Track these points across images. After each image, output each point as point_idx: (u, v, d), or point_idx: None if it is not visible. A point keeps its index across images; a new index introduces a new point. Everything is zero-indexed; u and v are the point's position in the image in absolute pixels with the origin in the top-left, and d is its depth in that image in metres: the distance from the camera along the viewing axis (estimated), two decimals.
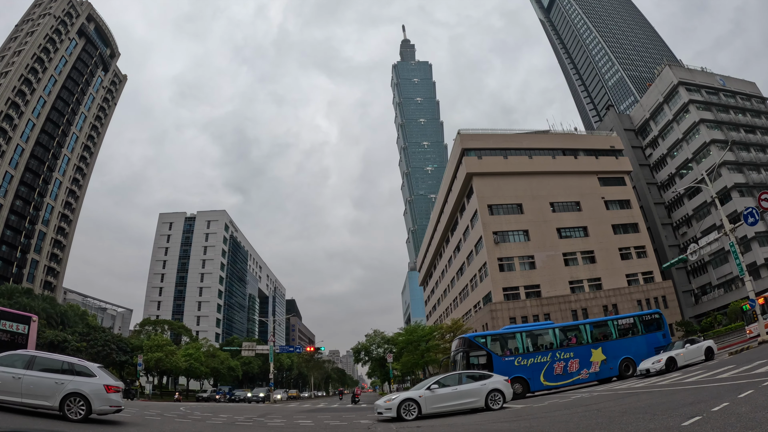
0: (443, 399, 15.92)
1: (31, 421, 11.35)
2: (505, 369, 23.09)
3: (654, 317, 27.77)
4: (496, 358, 24.00)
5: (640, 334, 26.74)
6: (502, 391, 16.51)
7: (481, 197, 58.16)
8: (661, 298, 55.54)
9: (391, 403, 15.62)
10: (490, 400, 16.19)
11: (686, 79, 70.44)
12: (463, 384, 16.58)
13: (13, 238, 71.81)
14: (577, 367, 24.59)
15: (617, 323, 27.15)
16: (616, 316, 28.68)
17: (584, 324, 27.04)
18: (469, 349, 24.26)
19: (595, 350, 25.20)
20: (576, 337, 25.92)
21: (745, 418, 7.29)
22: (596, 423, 9.53)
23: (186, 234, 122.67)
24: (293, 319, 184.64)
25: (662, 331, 27.25)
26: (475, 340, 24.78)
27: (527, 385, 23.53)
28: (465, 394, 16.18)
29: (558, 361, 24.46)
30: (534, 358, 24.40)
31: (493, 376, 17.26)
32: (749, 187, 62.01)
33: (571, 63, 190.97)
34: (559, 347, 25.02)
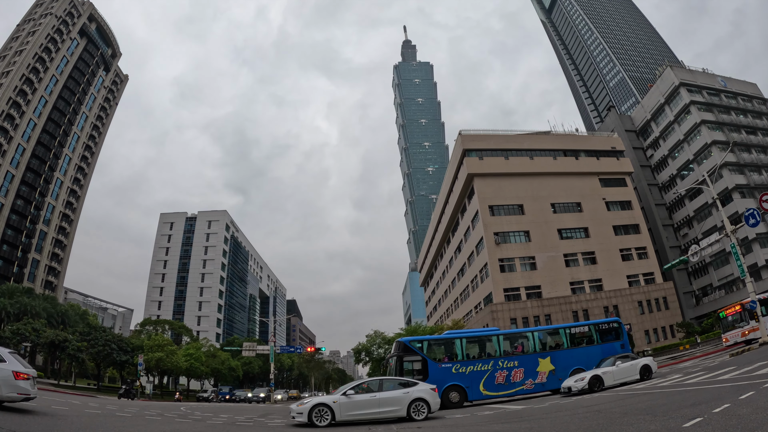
0: (360, 406, 14.71)
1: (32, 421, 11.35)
2: (442, 376, 22.06)
3: (612, 326, 26.44)
4: (432, 364, 22.65)
5: (595, 343, 25.29)
6: (426, 401, 15.28)
7: (482, 198, 58.15)
8: (662, 299, 55.53)
9: (303, 407, 14.62)
10: (412, 409, 14.99)
11: (687, 80, 70.38)
12: (383, 391, 15.31)
13: (14, 237, 71.89)
14: (521, 377, 23.26)
15: (569, 332, 25.80)
16: (569, 324, 27.35)
17: (532, 331, 25.89)
18: (403, 354, 22.88)
19: (542, 360, 23.89)
20: (522, 345, 24.77)
21: (746, 420, 7.28)
22: (597, 424, 9.51)
23: (187, 234, 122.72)
24: (294, 319, 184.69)
25: (620, 341, 25.85)
26: (410, 345, 23.35)
27: (465, 393, 22.23)
28: (385, 402, 14.92)
29: (500, 370, 23.16)
30: (474, 365, 23.05)
31: (419, 383, 16.03)
32: (750, 189, 61.94)
33: (573, 64, 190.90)
34: (503, 355, 23.75)
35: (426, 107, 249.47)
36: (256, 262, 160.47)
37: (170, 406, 30.56)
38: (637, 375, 20.67)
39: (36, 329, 48.10)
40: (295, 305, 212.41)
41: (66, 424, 11.42)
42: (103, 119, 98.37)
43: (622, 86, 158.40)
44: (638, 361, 21.23)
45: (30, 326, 47.87)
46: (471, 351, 24.10)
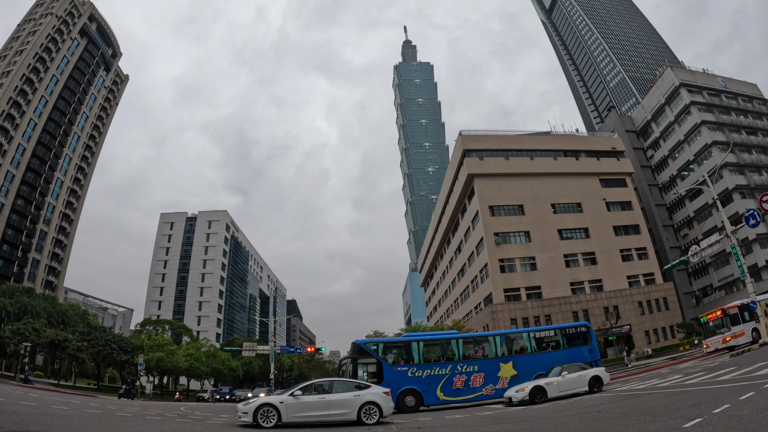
0: (308, 407, 14.14)
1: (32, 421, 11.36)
2: (397, 380, 21.45)
3: (580, 330, 25.66)
4: (387, 367, 21.98)
5: (561, 348, 24.60)
6: (378, 405, 14.58)
7: (482, 198, 58.16)
8: (662, 300, 55.54)
9: (248, 407, 13.96)
10: (363, 413, 14.35)
11: (688, 80, 70.38)
12: (333, 393, 14.73)
13: (14, 237, 71.89)
14: (481, 382, 22.46)
15: (534, 336, 25.12)
16: (534, 328, 26.61)
17: (493, 335, 25.18)
18: (358, 356, 22.23)
19: (504, 365, 23.12)
20: (483, 349, 24.06)
21: (746, 420, 7.29)
22: (597, 425, 9.52)
23: (187, 234, 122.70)
24: (294, 319, 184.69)
25: (588, 345, 25.01)
26: (365, 347, 22.65)
27: (421, 398, 21.62)
28: (334, 404, 14.32)
29: (459, 375, 22.46)
30: (431, 369, 22.37)
31: (371, 386, 15.43)
32: (751, 189, 61.92)
33: (573, 64, 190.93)
34: (462, 359, 23.04)
35: (426, 107, 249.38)
36: (256, 262, 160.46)
37: (170, 406, 30.57)
38: (585, 387, 19.57)
39: (36, 329, 48.10)
40: (295, 305, 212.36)
41: (66, 424, 11.43)
42: (103, 119, 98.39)
43: (623, 87, 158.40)
44: (587, 372, 20.12)
45: (30, 326, 47.86)
46: (428, 354, 23.44)
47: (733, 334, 29.86)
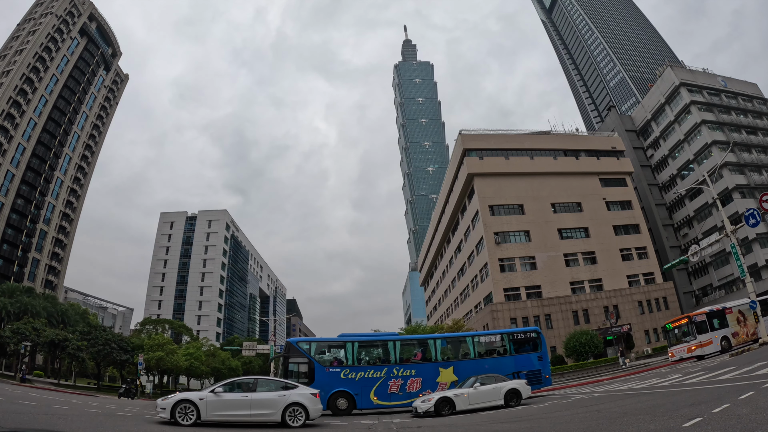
0: (229, 406, 13.40)
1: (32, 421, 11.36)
2: (329, 381, 20.72)
3: (530, 336, 24.68)
4: (319, 367, 21.18)
5: (508, 354, 23.70)
6: (304, 406, 13.88)
7: (482, 198, 58.16)
8: (662, 299, 55.54)
9: (166, 402, 13.09)
10: (288, 414, 13.68)
11: (688, 80, 70.36)
12: (257, 392, 13.95)
13: (14, 236, 71.91)
14: (418, 387, 21.61)
15: (478, 340, 24.17)
16: (479, 333, 25.60)
17: (433, 339, 24.24)
18: (289, 355, 21.40)
19: (444, 370, 22.23)
20: (422, 352, 23.17)
21: (745, 420, 7.29)
22: (597, 424, 9.52)
23: (187, 233, 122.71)
24: (294, 318, 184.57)
25: (538, 352, 24.08)
26: (298, 345, 21.82)
27: (353, 401, 20.82)
28: (257, 404, 13.59)
29: (395, 378, 21.64)
30: (365, 372, 21.52)
31: (299, 387, 14.74)
32: (751, 189, 61.93)
33: (573, 64, 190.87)
34: (399, 362, 22.20)
35: (426, 107, 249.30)
36: (256, 261, 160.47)
37: None
38: (500, 400, 18.15)
39: (36, 328, 48.11)
40: (295, 305, 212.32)
41: (66, 423, 11.43)
42: (103, 118, 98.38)
43: (623, 86, 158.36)
44: (503, 385, 18.67)
45: (30, 325, 47.88)
46: (363, 356, 22.68)
47: (699, 343, 28.89)
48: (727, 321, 30.21)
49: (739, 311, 30.86)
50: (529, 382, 22.77)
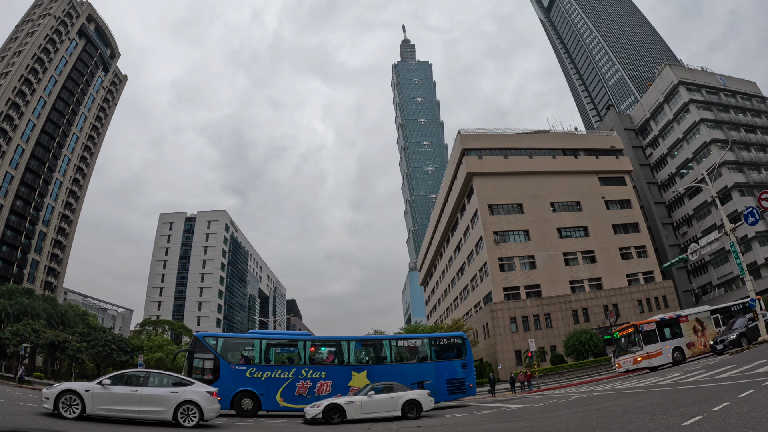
0: (117, 400, 12.22)
1: (32, 421, 11.34)
2: (234, 379, 19.84)
3: (454, 342, 23.66)
4: (224, 364, 20.11)
5: (429, 360, 22.71)
6: (198, 405, 12.78)
7: (481, 197, 58.16)
8: (661, 298, 55.57)
9: (50, 392, 12.07)
10: (180, 413, 12.58)
11: (686, 78, 70.42)
12: (148, 386, 12.77)
13: (13, 238, 71.81)
14: (328, 391, 20.59)
15: (396, 344, 23.00)
16: (398, 336, 24.34)
17: (348, 340, 22.96)
18: (195, 350, 20.30)
19: (357, 374, 21.19)
20: (334, 354, 22.06)
21: (745, 418, 7.29)
22: (597, 423, 9.53)
23: (186, 234, 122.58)
24: (294, 319, 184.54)
25: (462, 359, 23.01)
26: (204, 341, 20.65)
27: (259, 401, 19.79)
28: (147, 400, 12.46)
29: (303, 380, 20.63)
30: (272, 371, 20.48)
31: (194, 383, 13.62)
32: (750, 187, 62.00)
33: (572, 63, 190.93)
34: (309, 364, 21.15)
35: (425, 106, 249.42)
36: (256, 262, 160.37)
37: None
38: (397, 411, 16.78)
39: (36, 330, 48.07)
40: (294, 305, 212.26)
41: (66, 423, 11.41)
42: (102, 120, 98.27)
43: (621, 85, 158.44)
44: (402, 395, 17.16)
45: (30, 327, 47.83)
46: (272, 355, 21.57)
47: (645, 354, 27.36)
48: (682, 330, 28.72)
49: (697, 319, 29.51)
50: (451, 391, 22.47)
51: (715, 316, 30.43)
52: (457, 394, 22.53)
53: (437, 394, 21.40)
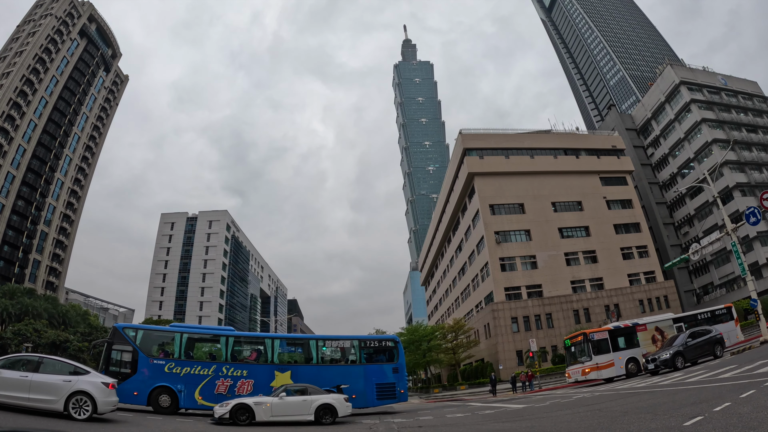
0: (6, 385, 11.50)
1: (32, 421, 11.36)
2: (152, 373, 18.84)
3: (386, 345, 22.83)
4: (142, 358, 18.99)
5: (358, 363, 21.77)
6: (92, 397, 11.90)
7: (482, 197, 58.12)
8: (662, 298, 55.51)
9: None
10: (72, 404, 11.70)
11: (688, 78, 70.30)
12: (41, 373, 11.91)
13: (15, 238, 71.93)
14: (249, 390, 19.60)
15: (323, 345, 21.91)
16: (326, 336, 23.48)
17: (272, 338, 22.10)
18: (113, 341, 19.17)
19: (280, 374, 20.22)
20: (258, 352, 21.11)
21: (747, 418, 7.28)
22: (598, 423, 9.52)
23: (188, 234, 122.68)
24: (295, 319, 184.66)
25: (394, 364, 22.10)
26: (123, 332, 19.47)
27: (177, 398, 18.70)
28: (38, 388, 11.58)
29: (224, 378, 19.64)
30: (191, 367, 19.42)
31: (90, 373, 12.59)
32: (751, 187, 61.89)
33: (573, 63, 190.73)
34: (231, 361, 20.13)
35: (426, 106, 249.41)
36: (257, 261, 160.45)
37: None
38: (310, 415, 15.78)
39: (37, 330, 48.17)
40: (296, 305, 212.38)
41: (67, 424, 11.43)
42: (103, 119, 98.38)
43: (623, 85, 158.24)
44: (316, 398, 16.13)
45: (31, 327, 47.94)
46: (193, 350, 20.59)
47: (595, 365, 26.06)
48: (638, 340, 27.23)
49: (657, 328, 28.11)
50: (381, 397, 21.47)
51: (679, 325, 28.76)
52: (386, 399, 21.68)
53: (366, 398, 21.10)
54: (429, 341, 56.82)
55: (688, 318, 29.67)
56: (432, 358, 56.81)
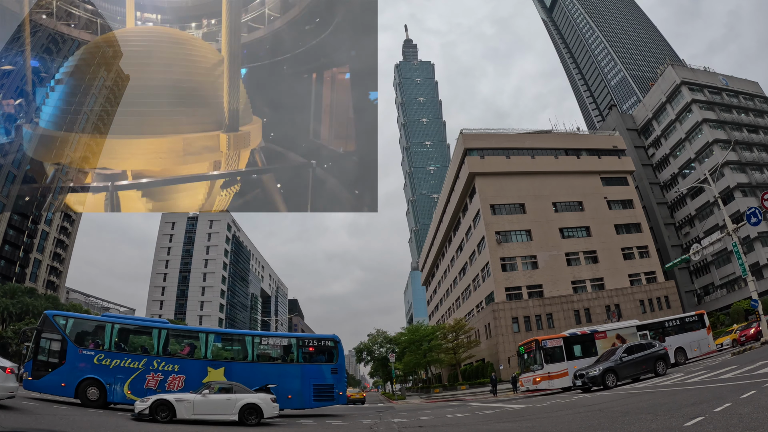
0: None
1: (32, 420, 11.38)
2: (81, 364, 17.96)
3: (325, 344, 21.86)
4: (71, 347, 18.03)
5: (296, 362, 21.09)
6: None
7: (483, 197, 58.12)
8: (663, 298, 55.50)
9: None
10: None
11: (689, 78, 70.24)
12: None
13: (16, 237, 72.05)
14: (180, 386, 18.74)
15: (259, 341, 21.14)
16: (263, 333, 21.50)
17: (206, 332, 21.11)
18: (42, 329, 18.31)
19: (213, 370, 19.46)
20: (191, 347, 20.17)
21: (747, 419, 7.29)
22: (598, 423, 9.53)
23: (189, 234, 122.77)
24: (296, 318, 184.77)
25: (333, 364, 21.36)
26: (53, 320, 18.48)
27: (106, 391, 17.87)
28: None
29: (155, 372, 18.74)
30: (121, 359, 18.43)
31: None
32: (752, 187, 61.83)
33: (574, 63, 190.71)
34: (162, 355, 19.18)
35: (427, 106, 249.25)
36: (258, 261, 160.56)
37: None
38: (234, 415, 15.02)
39: None
40: (296, 304, 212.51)
41: (68, 423, 11.46)
42: (104, 119, 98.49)
43: (624, 85, 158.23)
44: (241, 397, 15.30)
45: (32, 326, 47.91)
46: (125, 342, 19.58)
47: (546, 374, 24.64)
48: (596, 348, 25.56)
49: (618, 336, 26.45)
50: (318, 398, 20.71)
51: (643, 332, 27.09)
52: (324, 401, 20.99)
53: (303, 399, 20.49)
54: (430, 341, 56.83)
55: (654, 325, 28.22)
56: (432, 358, 56.82)
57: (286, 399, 19.35)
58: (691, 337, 27.51)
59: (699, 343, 27.40)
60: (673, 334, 27.25)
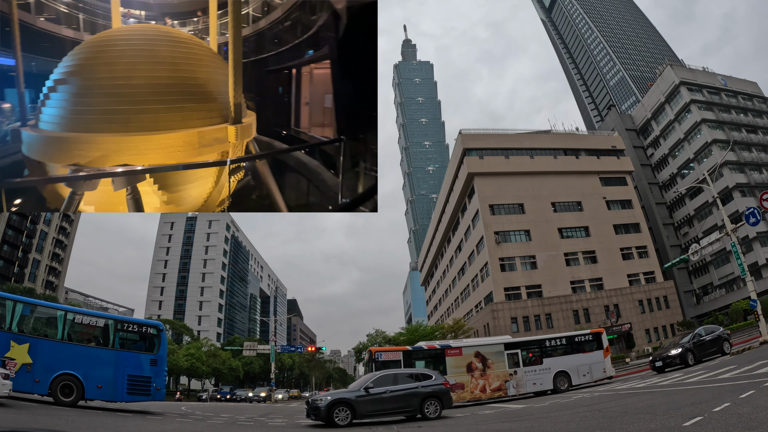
0: None
1: (32, 420, 11.38)
2: None
3: (147, 332, 19.33)
4: None
5: (111, 347, 18.20)
6: None
7: (482, 197, 58.16)
8: (662, 298, 55.57)
9: None
10: None
11: (688, 78, 70.33)
12: None
13: (14, 237, 71.98)
14: None
15: (72, 318, 17.96)
16: (77, 309, 19.78)
17: (14, 301, 17.43)
18: None
19: (17, 345, 16.17)
20: None
21: (746, 419, 7.30)
22: (597, 423, 9.53)
23: (187, 234, 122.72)
24: (294, 318, 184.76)
25: (153, 355, 18.97)
26: None
27: None
28: None
29: None
30: None
31: None
32: (751, 187, 61.93)
33: (573, 63, 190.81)
34: None
35: (426, 106, 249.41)
36: (257, 261, 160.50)
37: (171, 405, 30.61)
38: None
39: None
40: (295, 305, 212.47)
41: (67, 423, 11.45)
42: None
43: (623, 85, 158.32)
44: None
45: None
46: None
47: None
48: (446, 366, 22.05)
49: (478, 354, 22.73)
50: (132, 391, 18.08)
51: (513, 352, 23.41)
52: (139, 395, 18.35)
53: (115, 391, 17.67)
54: None
55: (528, 344, 24.60)
56: None
57: (96, 389, 17.15)
58: (581, 359, 24.29)
59: (591, 367, 24.29)
60: (556, 356, 24.04)
